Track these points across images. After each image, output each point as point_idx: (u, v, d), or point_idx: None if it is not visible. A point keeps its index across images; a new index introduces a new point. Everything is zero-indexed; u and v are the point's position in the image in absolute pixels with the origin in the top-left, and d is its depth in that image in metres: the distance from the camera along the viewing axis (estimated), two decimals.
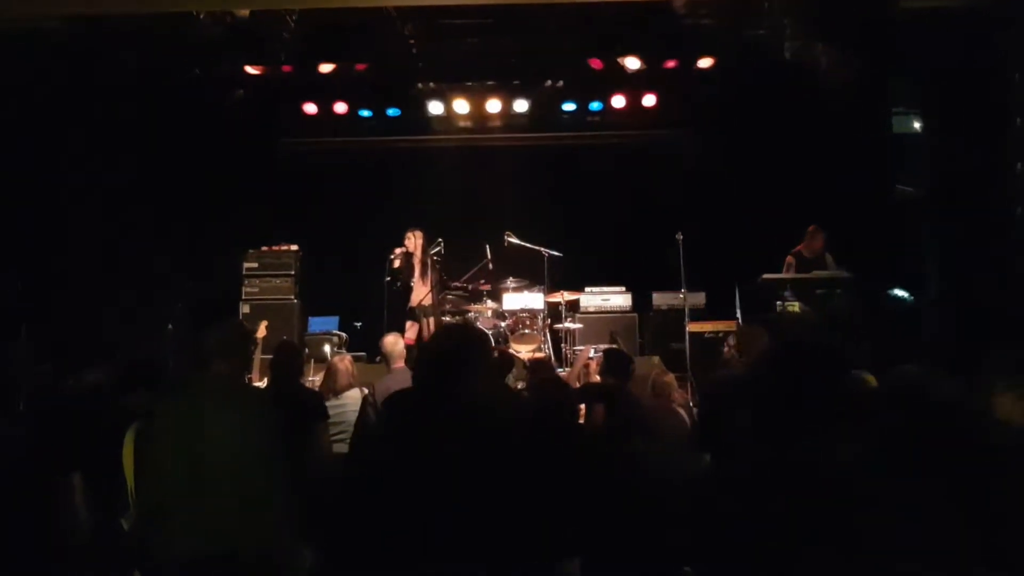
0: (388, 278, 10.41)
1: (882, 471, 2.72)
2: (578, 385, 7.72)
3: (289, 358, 5.98)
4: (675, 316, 10.57)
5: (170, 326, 9.94)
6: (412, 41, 10.57)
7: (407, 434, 3.16)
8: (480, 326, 10.33)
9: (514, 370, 9.31)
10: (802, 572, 2.87)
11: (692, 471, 5.43)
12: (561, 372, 9.40)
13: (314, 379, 8.79)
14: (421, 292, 10.45)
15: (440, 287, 10.53)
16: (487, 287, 10.68)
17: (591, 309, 11.26)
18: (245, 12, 9.45)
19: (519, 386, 8.48)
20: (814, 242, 10.00)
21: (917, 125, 10.60)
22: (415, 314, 10.46)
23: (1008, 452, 2.90)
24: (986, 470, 2.68)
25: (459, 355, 3.15)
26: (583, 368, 8.38)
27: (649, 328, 11.17)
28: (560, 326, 10.62)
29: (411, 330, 10.37)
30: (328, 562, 3.96)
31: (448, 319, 10.37)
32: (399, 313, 10.60)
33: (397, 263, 10.51)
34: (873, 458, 2.77)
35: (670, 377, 6.85)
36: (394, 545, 3.01)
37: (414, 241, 10.58)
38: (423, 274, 10.55)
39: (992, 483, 2.68)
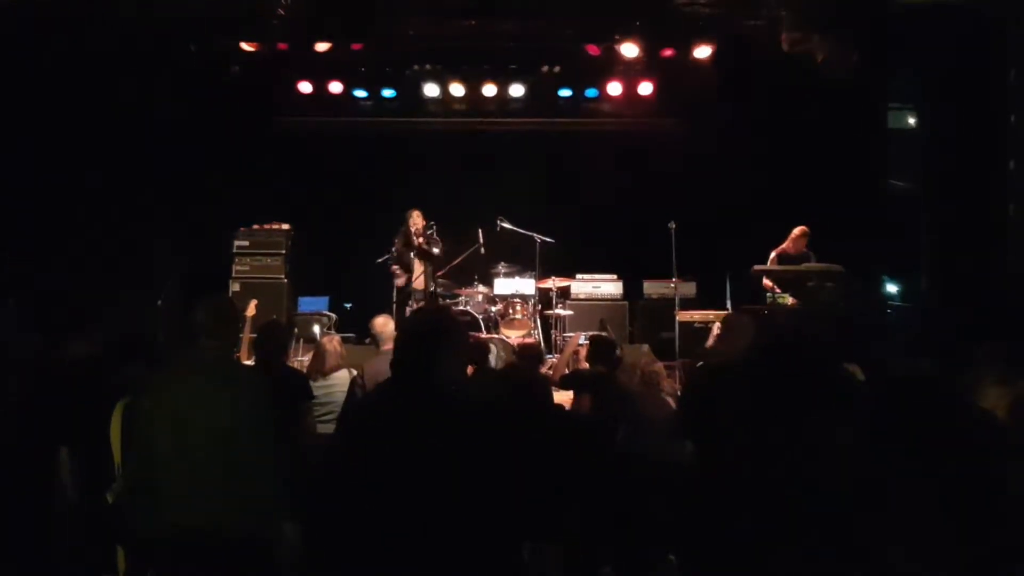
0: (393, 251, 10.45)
1: (869, 461, 2.73)
2: (567, 371, 7.74)
3: (274, 337, 5.95)
4: (665, 305, 10.58)
5: (160, 301, 9.92)
6: (409, 22, 10.52)
7: (380, 417, 3.18)
8: (470, 310, 10.36)
9: (503, 355, 9.35)
10: (786, 560, 2.88)
11: (678, 459, 5.45)
12: (551, 358, 9.42)
13: (302, 359, 8.77)
14: (417, 273, 10.49)
15: (435, 269, 10.53)
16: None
17: (582, 296, 11.29)
18: None
19: None
20: (799, 243, 10.00)
21: (912, 121, 10.61)
22: (414, 297, 10.50)
23: (989, 443, 2.91)
24: (973, 462, 2.69)
25: (432, 339, 3.17)
26: (572, 355, 8.38)
27: (639, 316, 11.19)
28: (551, 312, 10.65)
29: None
30: (311, 539, 3.96)
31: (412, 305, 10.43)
32: (390, 294, 10.61)
33: (401, 244, 10.55)
34: (860, 449, 2.78)
35: (659, 366, 6.85)
36: (369, 526, 3.03)
37: (417, 221, 10.57)
38: (419, 256, 10.56)
39: (976, 475, 2.70)
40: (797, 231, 9.98)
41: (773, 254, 9.99)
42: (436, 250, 10.55)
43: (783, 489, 2.93)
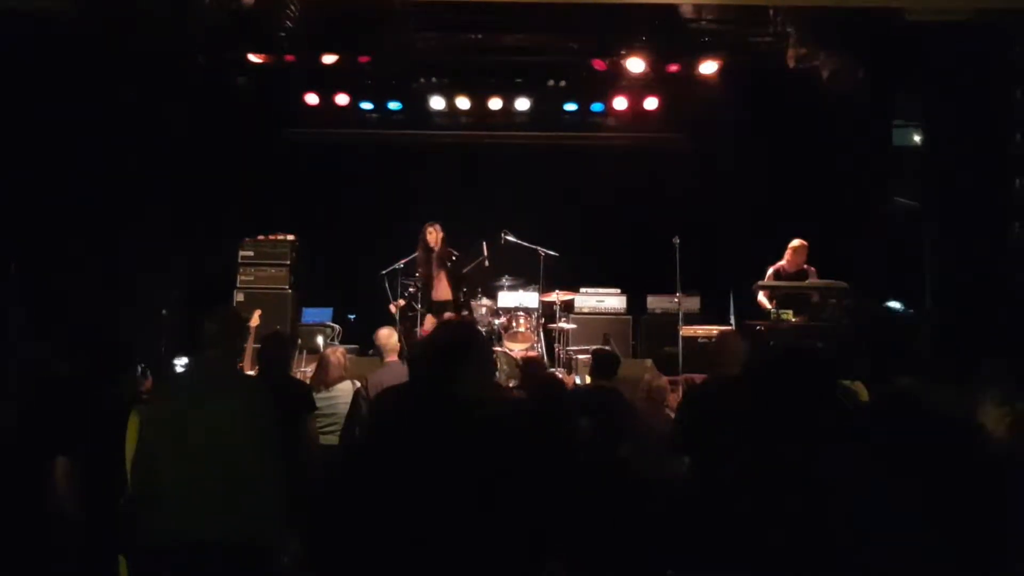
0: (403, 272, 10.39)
1: (873, 480, 2.73)
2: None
3: (277, 348, 5.97)
4: (669, 320, 10.58)
5: (164, 311, 9.93)
6: (416, 35, 10.55)
7: (398, 429, 3.16)
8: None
9: (506, 368, 9.35)
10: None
11: (680, 475, 5.44)
12: (553, 372, 9.42)
13: (306, 370, 8.78)
14: (441, 287, 10.39)
15: (457, 283, 10.43)
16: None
17: (585, 310, 11.29)
18: (250, 0, 9.42)
19: (511, 384, 8.49)
20: (797, 257, 9.95)
21: (917, 138, 10.61)
22: (435, 308, 10.41)
23: (992, 464, 2.91)
24: (976, 481, 2.69)
25: (457, 352, 3.14)
26: None
27: (643, 331, 11.19)
28: (554, 326, 10.63)
29: (429, 323, 10.27)
30: (314, 552, 3.96)
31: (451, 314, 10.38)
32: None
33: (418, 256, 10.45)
34: (864, 467, 2.78)
35: (663, 381, 6.86)
36: (379, 540, 3.01)
37: (435, 235, 10.39)
38: (440, 268, 10.41)
39: (978, 494, 2.69)
40: (796, 243, 9.88)
41: (770, 271, 9.95)
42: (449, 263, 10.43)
43: (779, 506, 2.93)
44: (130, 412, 4.26)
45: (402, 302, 10.37)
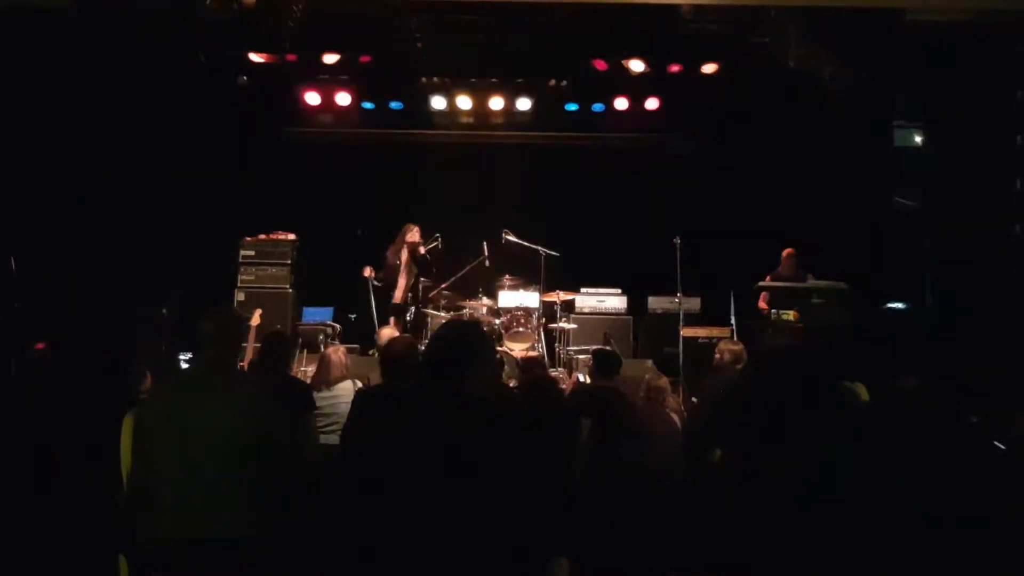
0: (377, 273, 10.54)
1: (873, 480, 2.73)
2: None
3: (278, 348, 5.97)
4: (670, 320, 10.55)
5: (165, 311, 9.92)
6: (417, 35, 10.56)
7: (398, 427, 3.16)
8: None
9: (507, 368, 9.35)
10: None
11: (682, 475, 5.43)
12: (552, 373, 9.42)
13: (307, 369, 8.78)
14: (399, 288, 10.55)
15: (414, 285, 10.58)
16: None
17: (586, 310, 11.27)
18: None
19: (511, 383, 8.49)
20: (788, 264, 10.01)
21: (918, 139, 10.62)
22: (395, 311, 10.57)
23: (992, 464, 2.91)
24: (976, 481, 2.69)
25: (461, 351, 3.14)
26: None
27: (643, 331, 11.17)
28: (555, 326, 10.61)
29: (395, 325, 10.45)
30: (316, 550, 3.96)
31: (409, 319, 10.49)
32: (385, 306, 10.67)
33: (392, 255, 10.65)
34: (864, 467, 2.78)
35: (664, 381, 6.84)
36: (380, 538, 3.01)
37: (413, 235, 10.60)
38: (407, 269, 10.60)
39: (978, 494, 2.69)
40: (785, 253, 10.01)
41: (768, 278, 9.98)
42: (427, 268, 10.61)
43: (781, 505, 2.93)
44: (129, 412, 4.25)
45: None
